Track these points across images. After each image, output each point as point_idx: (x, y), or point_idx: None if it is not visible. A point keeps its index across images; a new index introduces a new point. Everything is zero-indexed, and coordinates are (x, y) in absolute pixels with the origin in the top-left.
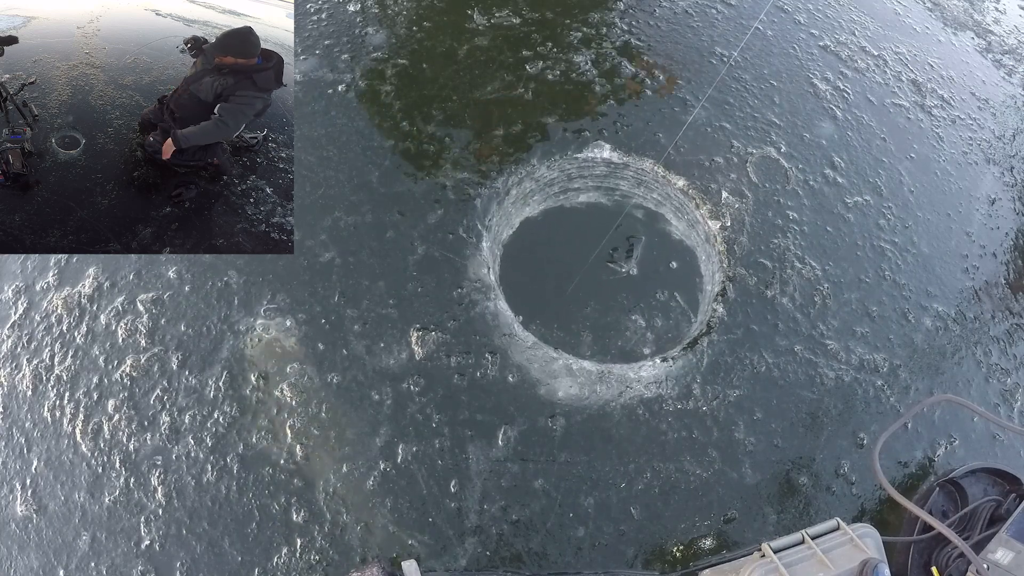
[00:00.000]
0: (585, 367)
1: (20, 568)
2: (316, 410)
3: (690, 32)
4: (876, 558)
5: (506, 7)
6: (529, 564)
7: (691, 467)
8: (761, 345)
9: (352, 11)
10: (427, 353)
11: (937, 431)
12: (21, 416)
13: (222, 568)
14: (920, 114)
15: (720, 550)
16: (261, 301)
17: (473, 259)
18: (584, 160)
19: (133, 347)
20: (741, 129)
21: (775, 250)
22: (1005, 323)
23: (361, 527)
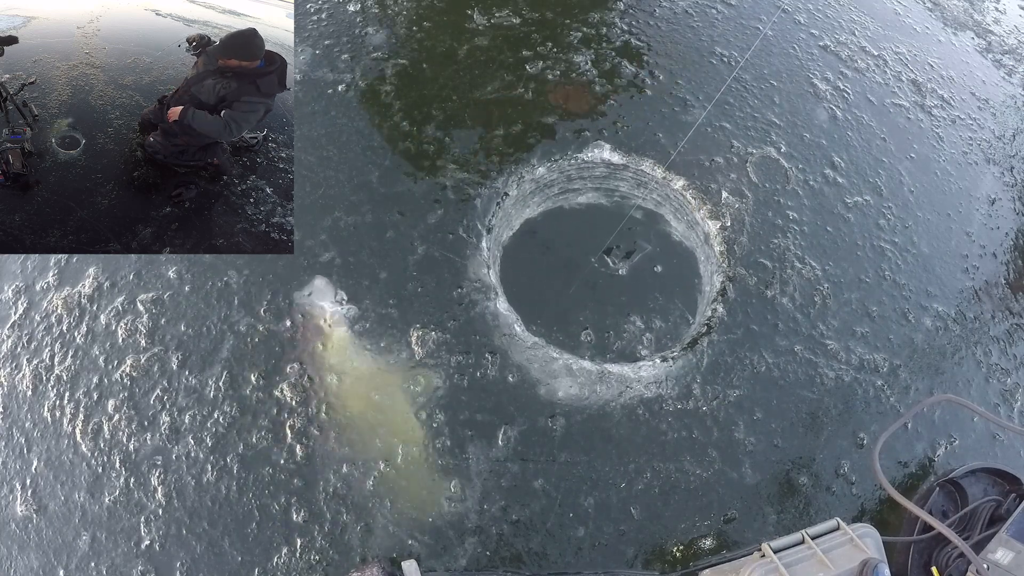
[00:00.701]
0: (585, 367)
1: (20, 568)
2: (316, 410)
3: (690, 32)
4: (876, 558)
5: (506, 7)
6: (529, 564)
7: (691, 467)
8: (761, 345)
9: (352, 11)
10: (427, 353)
11: (937, 431)
12: (21, 416)
13: (222, 568)
14: (920, 114)
15: (720, 550)
16: (261, 301)
17: (473, 259)
18: (584, 160)
19: (133, 347)
20: (741, 129)
21: (775, 250)
22: (1005, 323)
23: (361, 527)
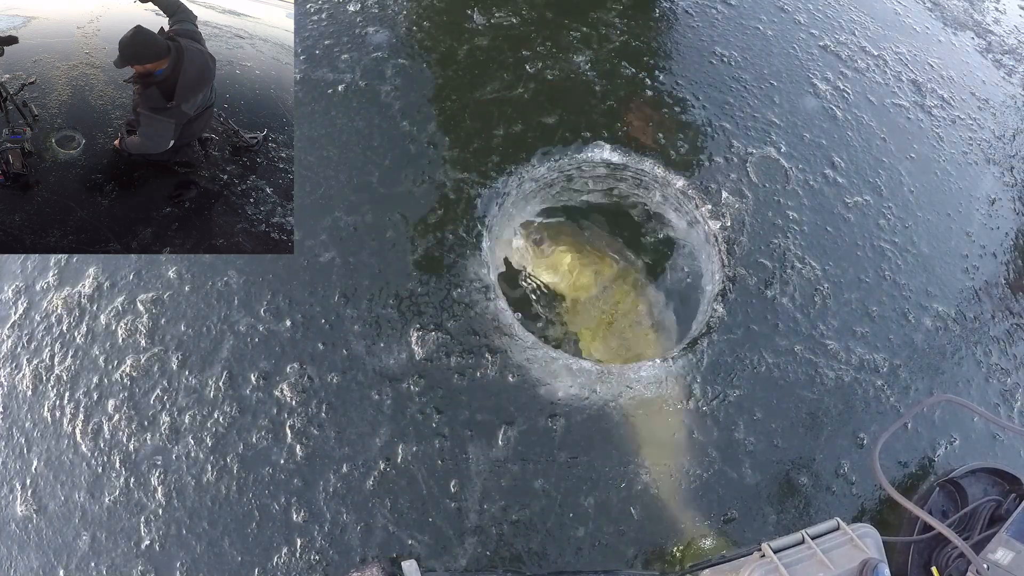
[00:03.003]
0: (585, 367)
1: (20, 568)
2: (316, 410)
3: (690, 32)
4: (876, 558)
5: (506, 7)
6: (529, 564)
7: (691, 467)
8: (761, 345)
9: (352, 11)
10: (427, 353)
11: (937, 431)
12: (21, 416)
13: (222, 568)
14: (920, 114)
15: (720, 550)
16: (261, 301)
17: (473, 259)
18: (584, 160)
19: (133, 347)
20: (741, 129)
21: (775, 250)
22: (1005, 323)
23: (361, 527)
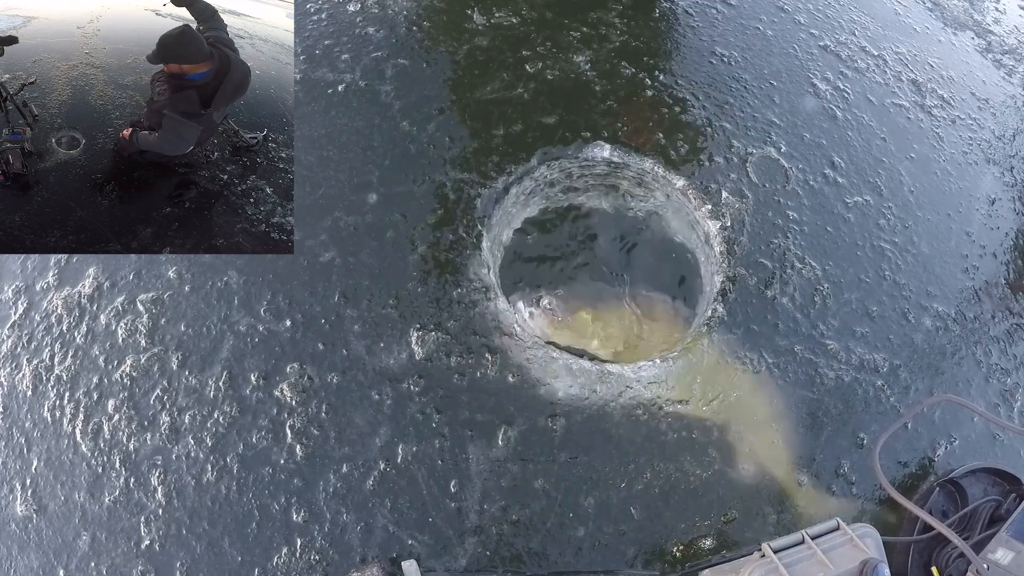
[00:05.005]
0: (585, 367)
1: (20, 568)
2: (316, 410)
3: (690, 32)
4: (876, 558)
5: (506, 7)
6: (529, 564)
7: (691, 467)
8: (761, 345)
9: (352, 11)
10: (427, 353)
11: (937, 431)
12: (21, 416)
13: (222, 568)
14: (920, 114)
15: (720, 550)
16: (261, 301)
17: (473, 259)
18: (584, 160)
19: (133, 347)
20: (741, 129)
21: (775, 250)
22: (1005, 323)
23: (361, 527)
